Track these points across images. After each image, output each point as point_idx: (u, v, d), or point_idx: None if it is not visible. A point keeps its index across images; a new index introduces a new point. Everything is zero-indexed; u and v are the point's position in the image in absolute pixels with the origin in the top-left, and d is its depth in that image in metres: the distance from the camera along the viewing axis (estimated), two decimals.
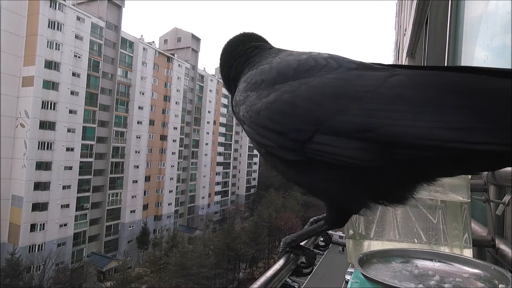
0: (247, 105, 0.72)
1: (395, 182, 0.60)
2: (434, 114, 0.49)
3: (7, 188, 28.50)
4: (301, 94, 0.64)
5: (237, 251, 33.77)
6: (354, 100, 0.57)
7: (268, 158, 0.73)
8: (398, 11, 14.88)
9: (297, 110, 0.63)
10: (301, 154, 0.62)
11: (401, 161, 0.54)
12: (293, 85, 0.65)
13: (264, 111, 0.67)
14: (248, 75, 0.79)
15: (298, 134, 0.62)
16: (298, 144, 0.62)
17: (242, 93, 0.76)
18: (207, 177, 51.06)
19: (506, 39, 1.35)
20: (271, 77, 0.71)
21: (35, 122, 28.90)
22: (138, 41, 39.19)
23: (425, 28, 4.61)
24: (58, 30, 30.19)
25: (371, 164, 0.55)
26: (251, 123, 0.71)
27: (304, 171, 0.66)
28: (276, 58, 0.78)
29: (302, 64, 0.69)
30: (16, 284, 25.03)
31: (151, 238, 38.05)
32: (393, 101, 0.54)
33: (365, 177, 0.60)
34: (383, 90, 0.56)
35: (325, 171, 0.62)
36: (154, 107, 41.21)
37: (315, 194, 0.71)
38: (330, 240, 0.96)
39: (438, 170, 0.58)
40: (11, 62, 28.22)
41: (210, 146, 52.26)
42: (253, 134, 0.71)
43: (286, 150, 0.64)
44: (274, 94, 0.67)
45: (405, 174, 0.58)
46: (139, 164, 38.84)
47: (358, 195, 0.65)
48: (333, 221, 0.77)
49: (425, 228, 0.96)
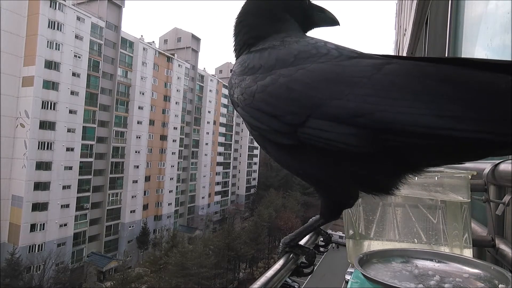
0: (242, 88, 0.72)
1: (384, 171, 0.61)
2: (427, 103, 0.50)
3: (7, 188, 28.51)
4: (298, 77, 0.64)
5: (237, 251, 33.76)
6: (349, 86, 0.57)
7: (260, 141, 0.73)
8: (398, 11, 14.87)
9: (292, 93, 0.62)
10: (294, 138, 0.62)
11: (391, 148, 0.54)
12: (291, 70, 0.66)
13: (259, 94, 0.67)
14: (245, 58, 0.78)
15: (292, 118, 0.62)
16: (292, 127, 0.62)
17: (238, 76, 0.76)
18: (207, 177, 51.06)
19: (506, 39, 1.35)
20: (270, 63, 0.71)
21: (35, 122, 28.91)
22: (138, 41, 39.20)
23: (425, 28, 4.61)
24: (58, 30, 30.20)
25: (362, 150, 0.55)
26: (245, 106, 0.70)
27: (296, 155, 0.66)
28: (278, 43, 0.76)
29: (302, 52, 0.69)
30: (16, 284, 25.03)
31: (151, 238, 38.08)
32: (387, 88, 0.54)
33: (354, 163, 0.60)
34: (378, 77, 0.56)
35: (316, 156, 0.63)
36: (154, 107, 41.22)
37: (305, 179, 0.71)
38: (330, 239, 0.96)
39: (426, 159, 0.58)
40: (11, 62, 28.23)
41: (210, 146, 52.26)
42: (247, 116, 0.70)
43: (279, 134, 0.64)
44: (270, 77, 0.67)
45: (394, 162, 0.58)
46: (139, 164, 38.85)
47: (346, 181, 0.65)
48: (328, 213, 0.77)
49: (425, 228, 0.96)
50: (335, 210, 0.76)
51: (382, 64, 0.58)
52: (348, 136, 0.55)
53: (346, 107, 0.56)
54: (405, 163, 0.59)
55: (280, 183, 58.84)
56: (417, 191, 0.92)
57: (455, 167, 1.12)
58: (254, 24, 0.88)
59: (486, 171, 0.98)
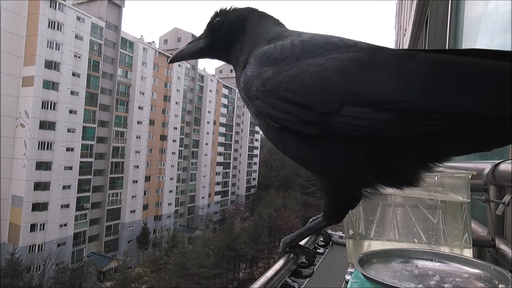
0: (264, 79, 0.69)
1: (413, 159, 0.62)
2: (464, 87, 0.53)
3: (7, 188, 28.50)
4: (330, 66, 0.63)
5: (237, 251, 33.76)
6: (386, 72, 0.58)
7: (278, 136, 0.71)
8: (398, 11, 14.89)
9: (326, 82, 0.62)
10: (324, 127, 0.61)
11: (427, 133, 0.55)
12: (320, 60, 0.65)
13: (286, 84, 0.65)
14: (265, 50, 0.75)
15: (324, 106, 0.61)
16: (323, 116, 0.61)
17: (257, 67, 0.72)
18: (207, 177, 51.04)
19: (506, 39, 1.35)
20: (296, 54, 0.69)
21: (35, 122, 28.90)
22: (138, 41, 39.19)
23: (425, 28, 4.61)
24: (58, 30, 30.19)
25: (399, 135, 0.56)
26: (267, 97, 0.68)
27: (320, 147, 0.65)
28: (295, 37, 0.75)
29: (329, 43, 0.68)
30: (16, 284, 25.03)
31: (151, 238, 38.07)
32: (425, 74, 0.56)
33: (385, 151, 0.60)
34: (413, 64, 0.58)
35: (344, 146, 0.62)
36: (154, 107, 41.22)
37: (324, 173, 0.70)
38: (329, 239, 0.96)
39: (458, 143, 0.59)
40: (11, 62, 28.21)
41: (210, 146, 52.24)
42: (268, 108, 0.68)
43: (307, 124, 0.63)
44: (298, 68, 0.66)
45: (424, 150, 0.60)
46: (139, 164, 38.84)
47: (371, 172, 0.64)
48: (331, 216, 0.77)
49: (425, 228, 0.96)
50: (339, 213, 0.76)
51: (412, 54, 0.59)
52: (386, 122, 0.56)
53: (385, 93, 0.56)
54: (435, 150, 0.60)
55: (280, 183, 58.85)
56: (417, 191, 0.92)
57: (455, 167, 1.12)
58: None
59: (486, 171, 0.97)
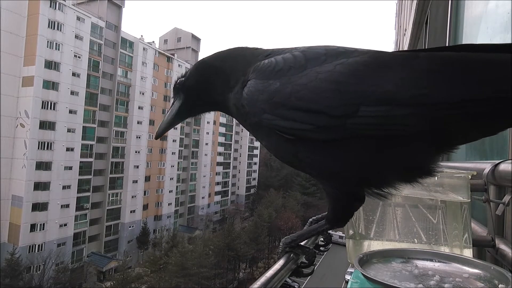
0: (270, 92, 0.69)
1: (429, 150, 0.64)
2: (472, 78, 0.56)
3: (7, 188, 28.51)
4: (340, 70, 0.64)
5: (237, 251, 33.78)
6: (398, 71, 0.60)
7: (290, 147, 0.70)
8: (398, 11, 14.90)
9: (339, 86, 0.63)
10: (340, 131, 0.62)
11: (444, 121, 0.58)
12: (327, 66, 0.66)
13: (297, 93, 0.66)
14: (267, 63, 0.73)
15: (341, 110, 0.61)
16: (339, 120, 0.61)
17: (262, 82, 0.71)
18: (207, 177, 51.04)
19: (506, 39, 1.35)
20: (300, 63, 0.69)
21: (35, 122, 28.92)
22: (138, 41, 39.21)
23: (425, 28, 4.61)
24: (58, 30, 30.21)
25: (418, 129, 0.59)
26: (277, 109, 0.67)
27: (335, 152, 0.65)
28: (291, 50, 0.75)
29: (330, 50, 0.69)
30: (16, 284, 25.05)
31: (151, 238, 38.10)
32: (434, 69, 0.58)
33: (404, 146, 0.62)
34: (420, 61, 0.60)
35: (361, 147, 0.63)
36: (154, 107, 41.23)
37: (338, 177, 0.69)
38: (330, 239, 0.96)
39: (472, 130, 0.62)
40: (11, 62, 28.23)
41: (210, 146, 52.24)
42: (278, 120, 0.67)
43: (325, 129, 0.63)
44: (306, 76, 0.66)
45: (439, 140, 0.63)
46: (139, 164, 38.86)
47: (392, 170, 0.66)
48: (335, 220, 0.77)
49: (425, 228, 0.96)
50: (343, 219, 0.76)
51: (416, 54, 0.62)
52: (405, 117, 0.58)
53: (402, 89, 0.58)
54: (448, 138, 0.63)
55: (280, 183, 58.84)
56: (417, 191, 0.92)
57: (455, 167, 1.12)
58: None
59: (486, 171, 0.97)
